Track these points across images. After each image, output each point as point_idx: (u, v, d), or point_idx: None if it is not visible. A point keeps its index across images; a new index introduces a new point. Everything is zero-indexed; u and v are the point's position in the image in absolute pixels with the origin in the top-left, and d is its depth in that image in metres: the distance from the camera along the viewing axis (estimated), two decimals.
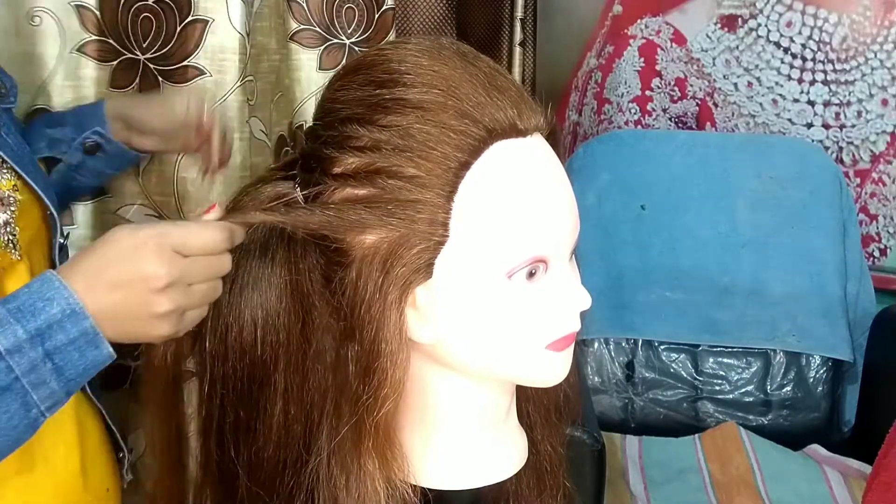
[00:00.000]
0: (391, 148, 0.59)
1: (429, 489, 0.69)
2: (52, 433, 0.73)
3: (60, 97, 1.06)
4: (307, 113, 1.27)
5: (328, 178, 0.62)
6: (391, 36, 1.27)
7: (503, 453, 0.73)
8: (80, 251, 0.62)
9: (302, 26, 1.21)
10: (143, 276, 0.59)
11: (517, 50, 1.89)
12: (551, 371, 0.66)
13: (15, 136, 0.76)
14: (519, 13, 1.87)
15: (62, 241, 0.78)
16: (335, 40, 1.24)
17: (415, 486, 0.68)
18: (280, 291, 0.66)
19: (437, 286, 0.61)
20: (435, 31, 1.64)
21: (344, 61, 1.24)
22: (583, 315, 0.67)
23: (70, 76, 1.05)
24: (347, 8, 1.23)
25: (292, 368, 0.66)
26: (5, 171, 0.72)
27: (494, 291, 0.61)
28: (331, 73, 1.24)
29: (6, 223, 0.71)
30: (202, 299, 0.62)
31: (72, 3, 1.04)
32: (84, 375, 0.60)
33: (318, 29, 1.22)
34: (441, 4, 1.63)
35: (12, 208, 0.71)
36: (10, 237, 0.71)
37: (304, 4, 1.20)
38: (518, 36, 1.88)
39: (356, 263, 0.61)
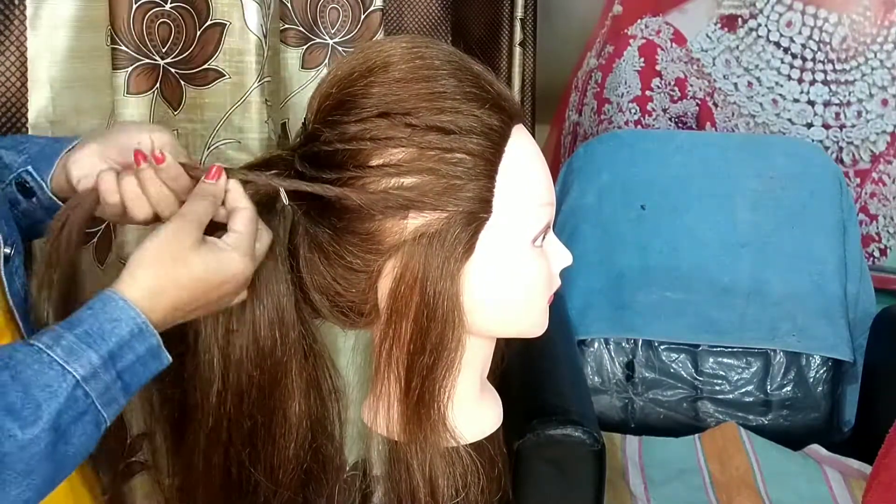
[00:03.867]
0: (439, 137, 0.63)
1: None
2: None
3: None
4: (289, 110, 1.28)
5: (361, 170, 0.64)
6: (379, 37, 1.27)
7: (493, 399, 0.82)
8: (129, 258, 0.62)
9: (286, 25, 1.22)
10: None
11: (517, 50, 1.88)
12: (546, 322, 0.75)
13: None
14: (519, 13, 1.87)
15: (7, 251, 0.72)
16: (318, 40, 1.25)
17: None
18: (289, 290, 0.68)
19: (475, 258, 0.67)
20: (430, 31, 1.62)
21: (327, 61, 1.25)
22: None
23: None
24: (331, 8, 1.24)
25: (308, 363, 0.70)
26: None
27: (523, 257, 0.69)
28: (313, 73, 1.26)
29: None
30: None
31: None
32: (143, 385, 0.62)
33: (301, 28, 1.23)
34: (437, 4, 1.61)
35: None
36: None
37: (289, 4, 1.21)
38: (518, 36, 1.88)
39: (401, 246, 0.65)
